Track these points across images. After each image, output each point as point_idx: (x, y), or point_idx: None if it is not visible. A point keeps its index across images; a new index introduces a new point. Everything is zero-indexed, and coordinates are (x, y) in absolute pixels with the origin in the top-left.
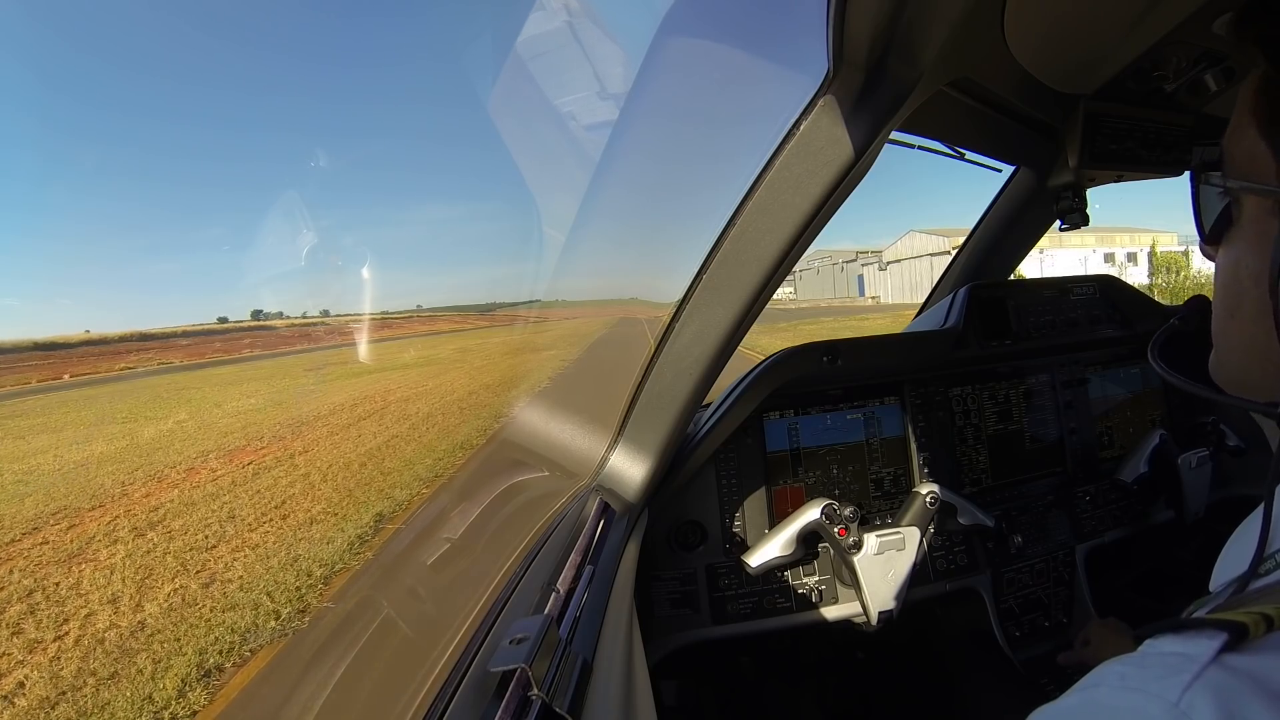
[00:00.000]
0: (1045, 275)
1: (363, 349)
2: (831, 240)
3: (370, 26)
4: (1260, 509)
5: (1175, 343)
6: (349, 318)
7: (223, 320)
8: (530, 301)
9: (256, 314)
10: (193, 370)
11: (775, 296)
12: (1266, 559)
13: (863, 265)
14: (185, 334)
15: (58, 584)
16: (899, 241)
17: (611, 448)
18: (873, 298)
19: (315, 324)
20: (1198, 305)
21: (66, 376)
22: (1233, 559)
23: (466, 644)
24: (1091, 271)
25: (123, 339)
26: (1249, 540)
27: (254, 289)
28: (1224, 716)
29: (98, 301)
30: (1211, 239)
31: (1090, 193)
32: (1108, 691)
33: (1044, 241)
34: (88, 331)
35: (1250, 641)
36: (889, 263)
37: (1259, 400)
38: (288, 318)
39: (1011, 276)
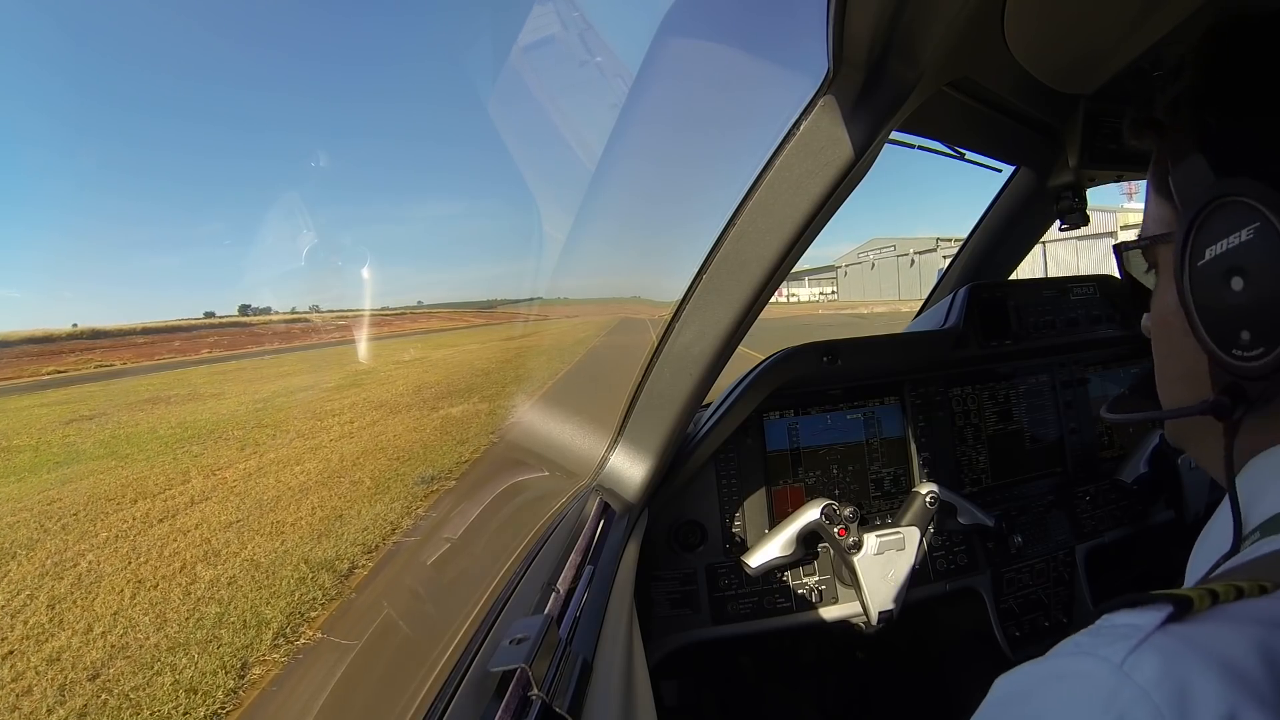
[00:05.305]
0: None
1: (361, 348)
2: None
3: (371, 26)
4: (1218, 513)
5: (1125, 403)
6: (336, 314)
7: (209, 315)
8: (531, 299)
9: (244, 309)
10: (102, 381)
11: (802, 298)
12: (1246, 538)
13: (944, 257)
14: (144, 330)
15: None
16: None
17: (611, 448)
18: None
19: (297, 320)
20: (1148, 375)
21: None
22: (1201, 560)
23: (466, 644)
24: None
25: (70, 336)
26: (1215, 541)
27: (254, 285)
28: (1162, 674)
29: (96, 295)
30: (1141, 304)
31: None
32: (1062, 658)
33: None
34: (75, 325)
35: (1195, 613)
36: None
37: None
38: (275, 313)
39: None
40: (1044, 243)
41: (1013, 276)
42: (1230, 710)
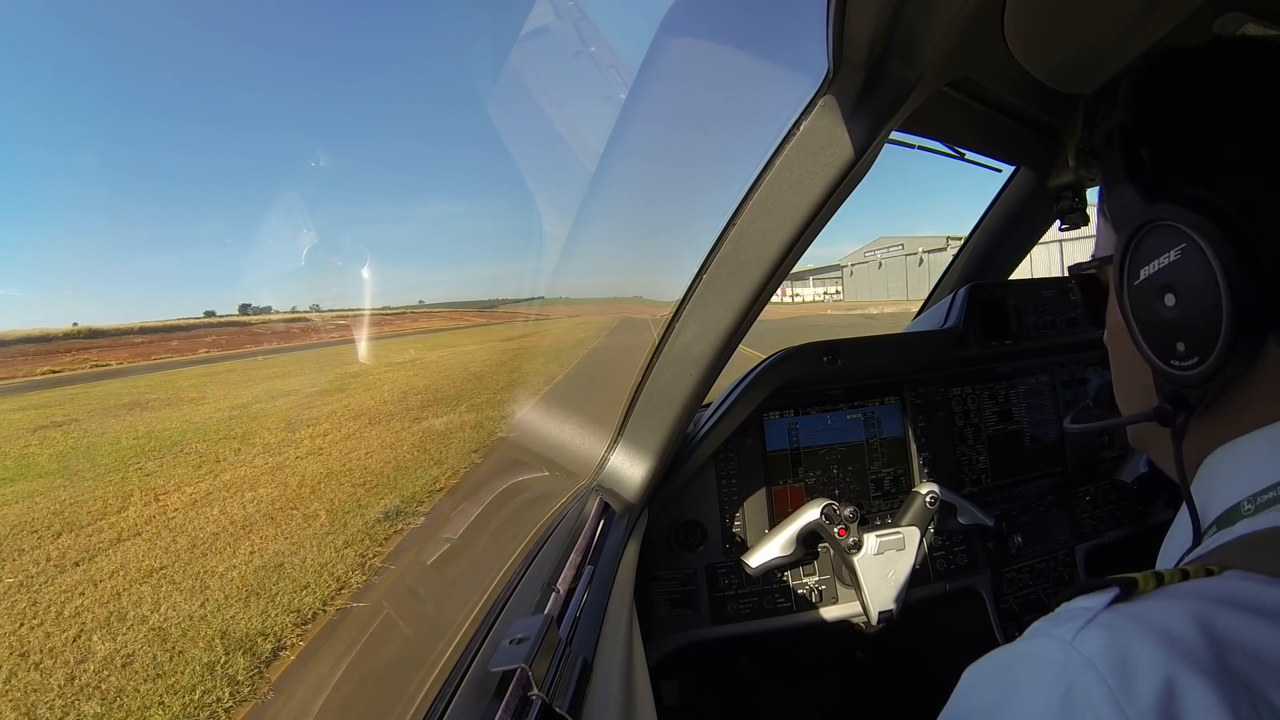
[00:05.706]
0: None
1: (361, 348)
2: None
3: (371, 26)
4: (1181, 513)
5: (1087, 414)
6: (336, 314)
7: (209, 314)
8: (532, 299)
9: (244, 308)
10: (82, 382)
11: (806, 298)
12: (1205, 532)
13: (954, 256)
14: (142, 330)
15: None
16: None
17: (611, 448)
18: None
19: (296, 320)
20: (1107, 386)
21: None
22: (1167, 558)
23: (466, 644)
24: None
25: (67, 335)
26: (1179, 539)
27: (254, 285)
28: (1106, 645)
29: (96, 294)
30: (1097, 320)
31: None
32: (1022, 642)
33: None
34: (75, 324)
35: (1139, 593)
36: None
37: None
38: (275, 312)
39: None
40: (1060, 241)
41: (1023, 275)
42: (1168, 675)
